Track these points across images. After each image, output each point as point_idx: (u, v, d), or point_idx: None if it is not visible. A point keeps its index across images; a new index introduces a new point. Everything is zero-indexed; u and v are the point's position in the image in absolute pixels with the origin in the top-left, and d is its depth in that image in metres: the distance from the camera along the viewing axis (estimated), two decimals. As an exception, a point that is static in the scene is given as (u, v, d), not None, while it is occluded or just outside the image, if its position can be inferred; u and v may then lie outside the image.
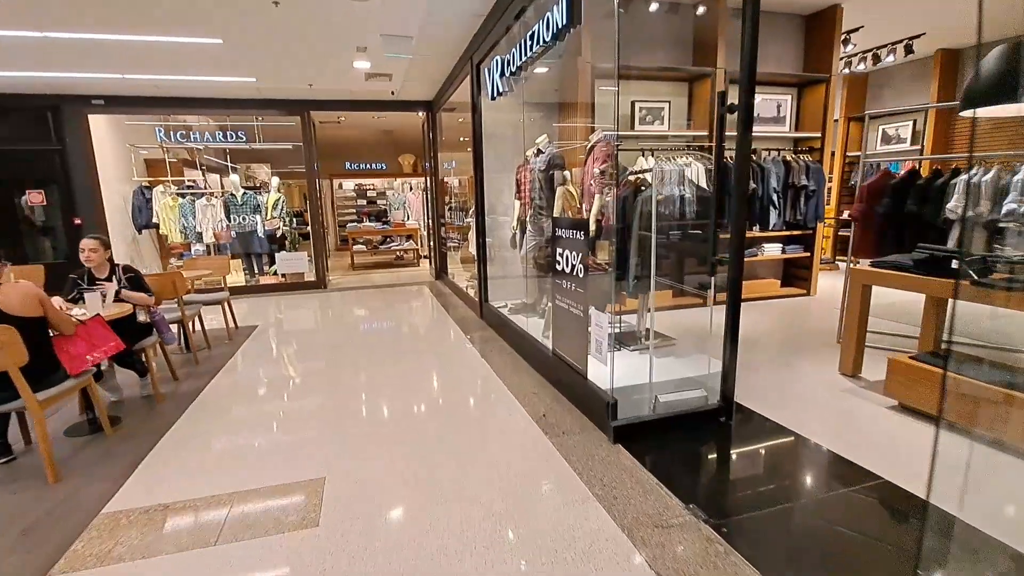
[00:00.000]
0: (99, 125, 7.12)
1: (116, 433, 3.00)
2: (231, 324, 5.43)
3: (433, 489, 2.31)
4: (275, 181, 8.15)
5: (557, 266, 3.27)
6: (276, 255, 7.88)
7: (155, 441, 2.88)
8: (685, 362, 3.39)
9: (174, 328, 4.26)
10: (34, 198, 6.84)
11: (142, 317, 3.55)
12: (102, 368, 3.40)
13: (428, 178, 8.97)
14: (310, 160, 7.67)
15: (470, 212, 7.31)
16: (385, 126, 13.50)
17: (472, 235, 6.57)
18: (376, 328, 5.57)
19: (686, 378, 3.08)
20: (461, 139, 10.97)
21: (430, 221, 9.65)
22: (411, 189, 11.86)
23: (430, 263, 9.32)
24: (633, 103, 5.33)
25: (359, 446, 2.76)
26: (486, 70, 4.61)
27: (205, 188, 8.09)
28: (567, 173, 4.32)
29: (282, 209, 8.06)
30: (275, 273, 7.92)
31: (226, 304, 5.35)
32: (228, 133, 7.38)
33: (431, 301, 6.87)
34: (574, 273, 3.02)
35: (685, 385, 3.00)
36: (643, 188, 3.69)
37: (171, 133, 7.15)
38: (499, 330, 5.00)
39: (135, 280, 3.55)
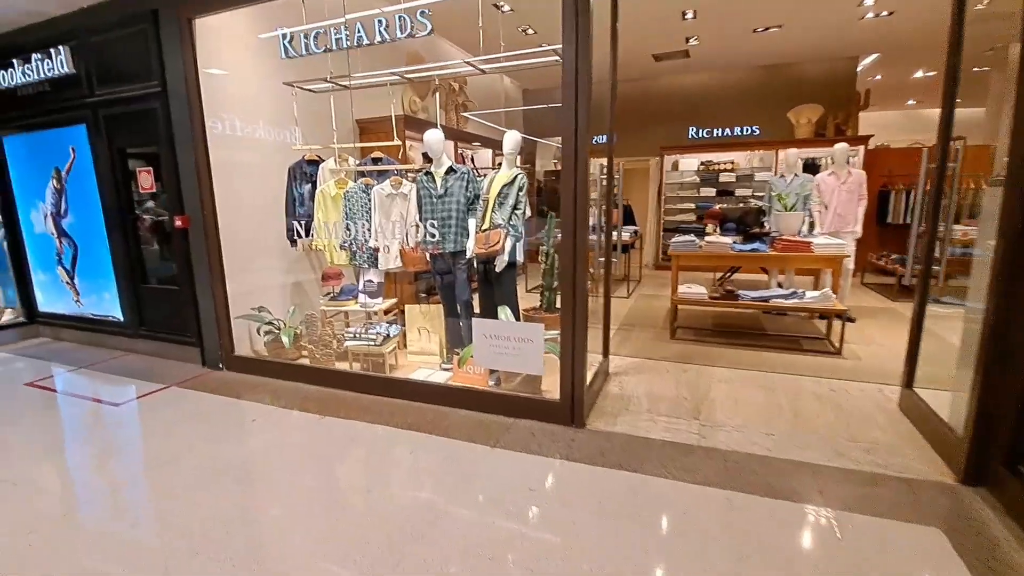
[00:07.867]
0: (236, 51, 3.88)
1: None
2: None
3: None
4: (511, 138, 3.49)
5: None
6: (475, 321, 3.24)
7: None
8: None
9: None
10: (143, 181, 4.08)
11: None
12: None
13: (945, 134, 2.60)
14: (578, 86, 2.62)
15: None
16: (771, 56, 7.50)
17: None
18: None
19: None
20: None
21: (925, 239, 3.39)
22: (827, 169, 5.56)
23: (911, 361, 3.06)
24: None
25: None
26: None
27: (406, 165, 4.14)
28: None
29: (516, 205, 3.37)
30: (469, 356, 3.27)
31: None
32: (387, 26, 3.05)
33: None
34: None
35: None
36: None
37: (303, 39, 3.26)
38: None
39: None
